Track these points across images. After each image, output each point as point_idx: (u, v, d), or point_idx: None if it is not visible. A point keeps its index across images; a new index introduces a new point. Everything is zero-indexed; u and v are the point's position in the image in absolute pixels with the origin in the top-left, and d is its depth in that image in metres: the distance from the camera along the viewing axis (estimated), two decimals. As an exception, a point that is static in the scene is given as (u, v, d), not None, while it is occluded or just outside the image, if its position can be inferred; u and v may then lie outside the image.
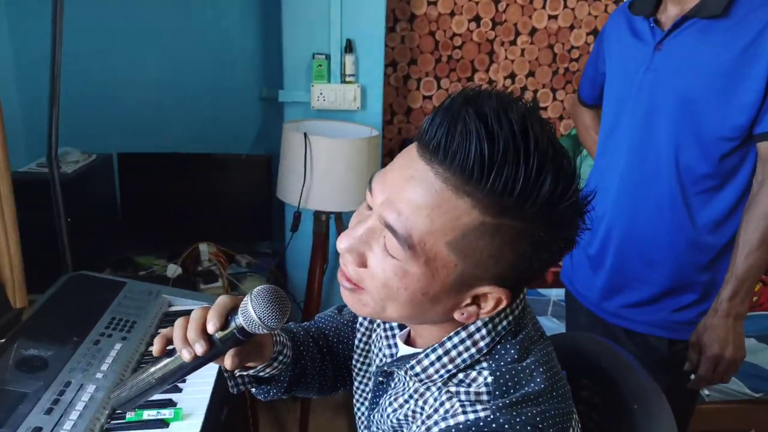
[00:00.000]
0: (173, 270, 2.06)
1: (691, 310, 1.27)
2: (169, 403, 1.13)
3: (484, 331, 0.64)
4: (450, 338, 0.65)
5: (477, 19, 2.57)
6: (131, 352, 1.25)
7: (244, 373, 0.79)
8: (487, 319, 0.64)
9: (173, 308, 1.52)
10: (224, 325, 0.66)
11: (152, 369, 0.69)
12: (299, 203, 1.92)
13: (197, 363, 0.67)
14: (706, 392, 1.77)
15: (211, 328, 0.65)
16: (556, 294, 2.43)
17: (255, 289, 0.65)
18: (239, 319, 0.65)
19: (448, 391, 0.64)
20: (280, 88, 2.22)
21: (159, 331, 1.39)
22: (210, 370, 1.25)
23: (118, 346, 1.24)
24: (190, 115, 2.37)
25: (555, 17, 2.62)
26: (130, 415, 1.08)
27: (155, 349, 0.69)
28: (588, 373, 1.03)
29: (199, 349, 0.65)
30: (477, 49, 2.61)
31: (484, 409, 0.60)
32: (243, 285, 2.09)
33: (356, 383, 0.87)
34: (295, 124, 2.07)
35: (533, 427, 0.59)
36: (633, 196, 1.27)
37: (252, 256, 2.26)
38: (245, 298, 0.65)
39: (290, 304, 0.66)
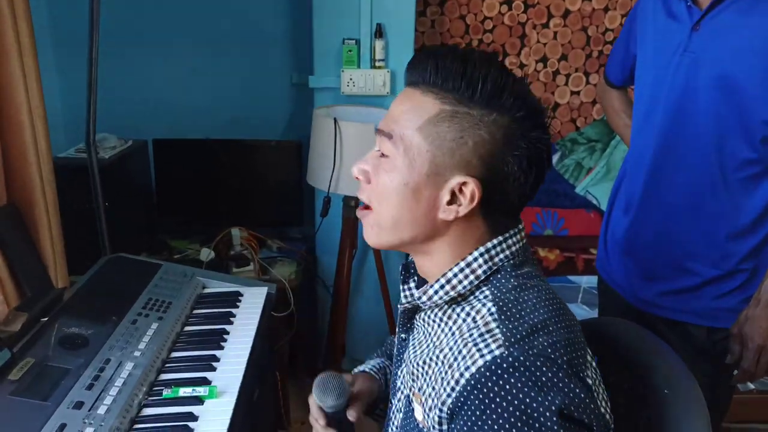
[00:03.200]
0: (206, 254, 2.10)
1: (733, 296, 1.23)
2: (204, 381, 1.17)
3: (480, 260, 0.74)
4: (451, 269, 0.74)
5: (509, 1, 2.53)
6: (167, 331, 1.29)
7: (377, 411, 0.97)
8: (483, 250, 0.74)
9: (207, 290, 1.55)
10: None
11: None
12: (329, 188, 1.94)
13: None
14: (751, 385, 1.72)
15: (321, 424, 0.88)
16: (587, 281, 2.40)
17: (314, 382, 0.86)
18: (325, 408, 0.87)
19: (462, 336, 0.71)
20: (310, 74, 2.23)
21: (194, 312, 1.43)
22: (244, 350, 1.29)
23: (154, 326, 1.28)
24: (222, 101, 2.40)
25: (589, -1, 2.57)
26: (166, 392, 1.12)
27: None
28: (617, 358, 1.02)
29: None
30: (508, 33, 2.58)
31: (498, 346, 0.67)
32: (274, 269, 2.12)
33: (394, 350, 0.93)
34: (325, 109, 2.08)
35: (545, 359, 0.66)
36: (667, 182, 1.24)
37: (283, 240, 2.29)
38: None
39: (338, 384, 0.85)
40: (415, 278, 0.84)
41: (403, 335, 0.85)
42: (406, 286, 0.85)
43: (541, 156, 0.73)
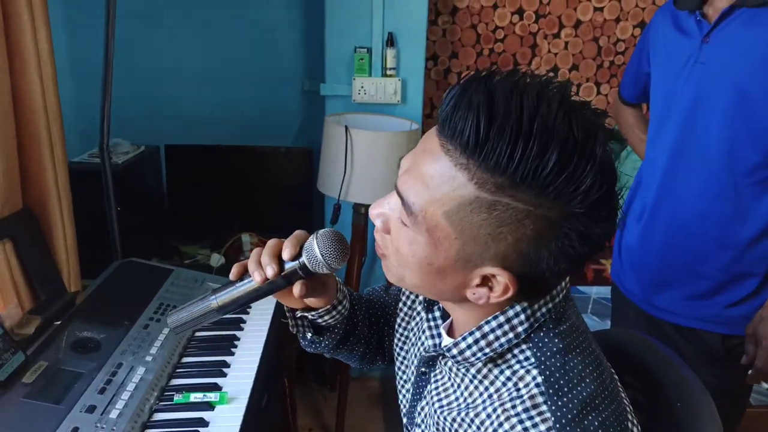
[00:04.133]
0: (216, 259, 2.11)
1: (748, 303, 1.24)
2: (215, 387, 1.17)
3: (522, 316, 0.63)
4: (488, 322, 0.64)
5: (520, 11, 2.53)
6: (178, 337, 1.29)
7: (306, 314, 0.82)
8: (525, 305, 0.63)
9: (217, 296, 1.56)
10: (295, 257, 0.70)
11: (213, 297, 0.72)
12: (339, 196, 1.95)
13: (260, 292, 0.71)
14: (766, 385, 1.70)
15: (285, 255, 0.70)
16: (597, 292, 2.39)
17: (320, 231, 0.70)
18: (303, 257, 0.70)
19: (502, 403, 0.62)
20: (321, 81, 2.24)
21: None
22: (254, 357, 1.29)
23: (165, 331, 1.29)
24: (234, 108, 2.42)
25: (601, 9, 2.57)
26: (177, 397, 1.12)
27: (232, 273, 0.73)
28: (630, 371, 1.02)
29: (270, 272, 0.69)
30: (519, 43, 2.58)
31: (548, 429, 0.59)
32: (283, 275, 2.12)
33: (397, 367, 0.89)
34: (336, 117, 2.09)
35: None
36: (678, 189, 1.26)
37: (292, 247, 2.29)
38: (310, 237, 0.70)
39: (349, 249, 0.71)
40: (440, 306, 0.76)
41: (423, 369, 0.76)
42: (430, 315, 0.77)
43: (600, 249, 0.59)
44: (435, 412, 0.72)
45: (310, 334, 0.86)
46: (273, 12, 2.37)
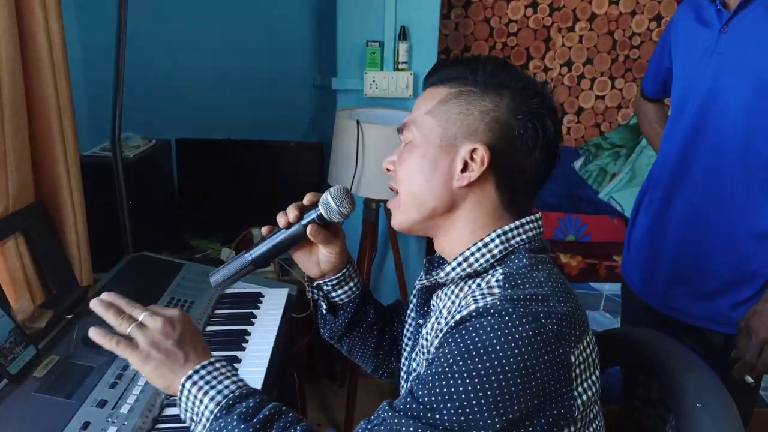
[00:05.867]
0: (227, 253, 2.11)
1: (754, 303, 1.21)
2: (225, 383, 1.16)
3: (497, 241, 0.77)
4: (468, 248, 0.78)
5: (534, 4, 2.51)
6: (189, 331, 1.29)
7: (321, 281, 0.95)
8: (500, 231, 0.77)
9: (228, 290, 1.55)
10: (312, 207, 0.88)
11: (247, 254, 0.88)
12: (351, 190, 1.93)
13: (285, 242, 0.88)
14: (750, 379, 1.68)
15: (306, 200, 0.89)
16: (609, 288, 2.37)
17: (331, 187, 0.87)
18: (319, 207, 0.87)
19: (465, 295, 0.75)
20: (333, 75, 2.23)
21: (215, 312, 1.44)
22: (265, 351, 1.28)
23: (176, 326, 1.28)
24: (245, 102, 2.41)
25: (616, 2, 2.54)
26: (188, 392, 1.12)
27: (263, 230, 0.91)
28: (645, 369, 1.00)
29: (292, 215, 0.87)
30: (533, 36, 2.56)
31: (493, 298, 0.70)
32: (294, 270, 2.12)
33: (402, 348, 0.94)
34: (347, 111, 2.08)
35: (533, 319, 0.67)
36: (689, 183, 1.25)
37: (303, 242, 2.28)
38: (325, 192, 0.87)
39: (355, 201, 0.88)
40: (438, 261, 0.89)
41: (420, 320, 0.87)
42: (428, 276, 0.88)
43: (544, 123, 0.77)
44: (425, 336, 0.81)
45: (325, 307, 0.98)
46: (284, 5, 2.36)
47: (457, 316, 0.71)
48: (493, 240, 0.77)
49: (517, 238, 0.78)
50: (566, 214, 2.55)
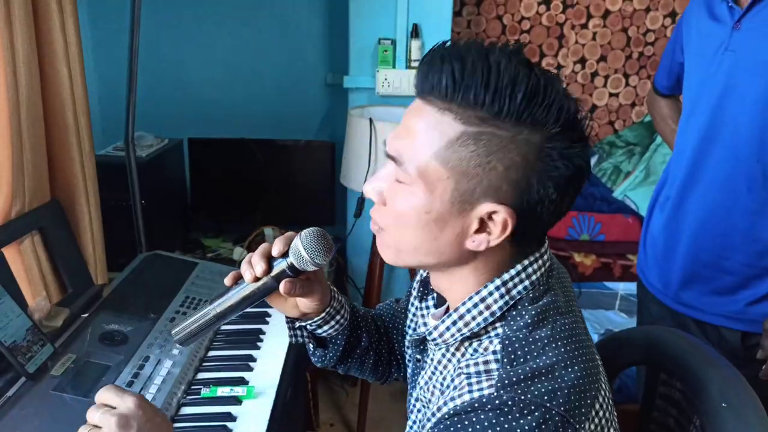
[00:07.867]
0: (239, 253, 2.11)
1: None
2: (242, 381, 1.16)
3: (496, 294, 0.66)
4: (463, 303, 0.67)
5: (547, 1, 2.49)
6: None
7: (304, 323, 0.84)
8: (500, 282, 0.66)
9: (242, 289, 1.55)
10: (284, 256, 0.73)
11: (210, 307, 0.75)
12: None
13: (253, 296, 0.74)
14: None
15: (274, 252, 0.73)
16: (624, 288, 2.34)
17: (304, 230, 0.73)
18: (290, 256, 0.72)
19: (459, 366, 0.66)
20: (345, 74, 2.22)
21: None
22: (280, 351, 1.28)
23: (192, 324, 1.28)
24: (257, 101, 2.41)
25: (630, -1, 2.51)
26: (205, 391, 1.11)
27: (227, 279, 0.77)
28: (666, 368, 0.99)
29: (259, 269, 0.73)
30: (546, 33, 2.54)
31: (489, 386, 0.60)
32: (306, 269, 2.11)
33: (408, 370, 0.88)
34: (360, 110, 2.07)
35: (537, 406, 0.58)
36: (705, 180, 1.23)
37: (315, 241, 2.28)
38: (295, 237, 0.73)
39: (334, 246, 0.74)
40: (434, 295, 0.80)
41: (417, 356, 0.79)
42: (423, 304, 0.82)
43: (581, 172, 0.63)
44: (422, 389, 0.75)
45: (311, 346, 0.87)
46: (296, 4, 2.35)
47: (450, 404, 0.61)
48: (491, 294, 0.66)
49: (519, 287, 0.66)
50: (580, 212, 2.52)
